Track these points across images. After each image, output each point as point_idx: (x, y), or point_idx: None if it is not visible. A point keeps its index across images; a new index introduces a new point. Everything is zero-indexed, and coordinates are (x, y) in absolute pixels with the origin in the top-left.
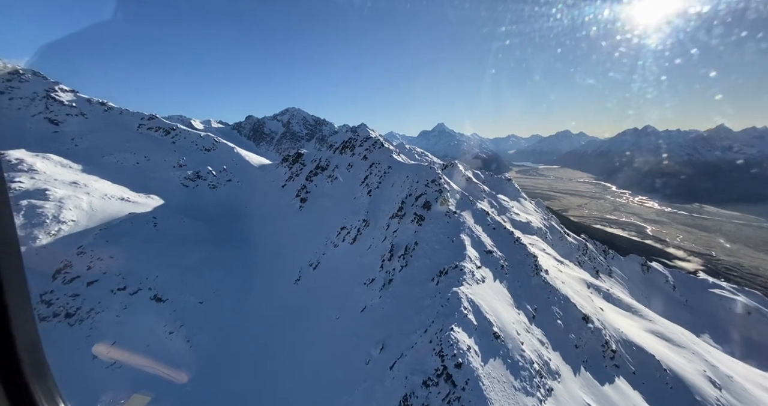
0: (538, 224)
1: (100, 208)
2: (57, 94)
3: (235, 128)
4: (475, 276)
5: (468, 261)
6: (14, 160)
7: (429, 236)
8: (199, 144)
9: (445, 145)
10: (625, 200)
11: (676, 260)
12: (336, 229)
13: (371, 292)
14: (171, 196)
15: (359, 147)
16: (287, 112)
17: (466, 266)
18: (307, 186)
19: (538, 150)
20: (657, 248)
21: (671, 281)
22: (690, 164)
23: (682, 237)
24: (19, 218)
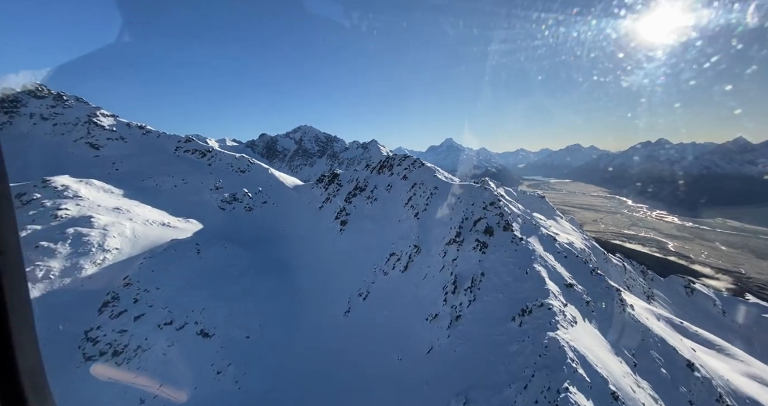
0: (580, 245)
1: (143, 234)
2: (98, 119)
3: (249, 146)
4: (566, 317)
5: (552, 297)
6: (60, 186)
7: (496, 266)
8: (235, 166)
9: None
10: (643, 215)
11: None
12: (383, 254)
13: (437, 330)
14: (209, 219)
15: (398, 166)
16: (299, 130)
17: (553, 304)
18: (346, 208)
19: (548, 164)
20: (681, 264)
21: (719, 305)
22: (709, 178)
23: (707, 253)
24: (66, 247)
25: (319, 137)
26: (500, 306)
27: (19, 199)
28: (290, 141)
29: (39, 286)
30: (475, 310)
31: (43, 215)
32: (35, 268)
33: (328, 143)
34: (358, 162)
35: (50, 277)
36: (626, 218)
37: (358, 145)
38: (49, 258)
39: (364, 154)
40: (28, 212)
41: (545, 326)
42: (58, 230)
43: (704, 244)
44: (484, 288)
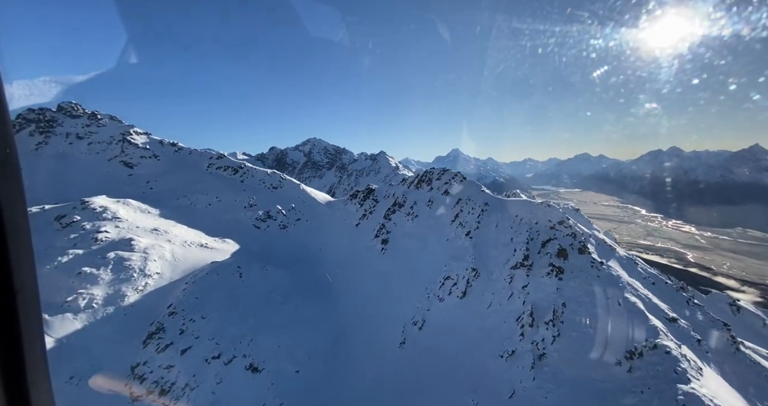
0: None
1: (182, 257)
2: (132, 137)
3: (259, 159)
4: (691, 363)
5: (664, 337)
6: (99, 208)
7: (579, 295)
8: (267, 182)
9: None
10: (658, 224)
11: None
12: (435, 278)
13: (516, 370)
14: (245, 239)
15: (437, 181)
16: (308, 143)
17: (670, 347)
18: (386, 225)
19: (556, 173)
20: (703, 276)
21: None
22: (725, 186)
23: (728, 264)
24: (108, 272)
25: (328, 149)
26: (594, 344)
27: (59, 222)
28: (299, 154)
29: (82, 316)
30: (561, 347)
31: (84, 238)
32: (78, 296)
33: (336, 155)
34: (367, 173)
35: (93, 306)
36: (641, 227)
37: (367, 157)
38: (92, 285)
39: (372, 166)
40: (69, 235)
41: (669, 376)
42: (100, 255)
43: (725, 254)
44: (569, 321)
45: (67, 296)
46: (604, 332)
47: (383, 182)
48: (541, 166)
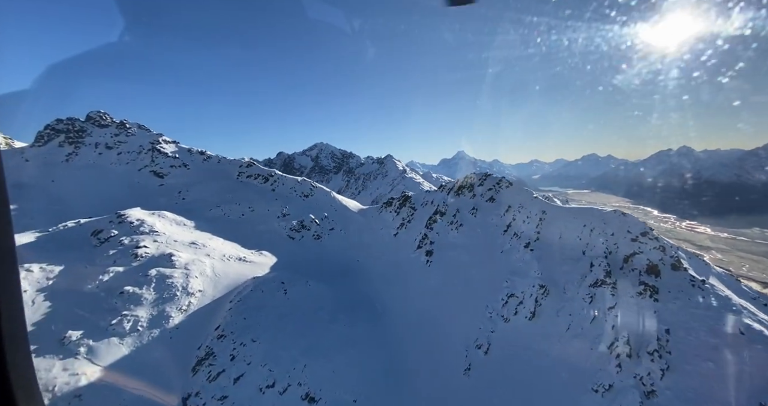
0: None
1: (223, 272)
2: (161, 146)
3: (267, 165)
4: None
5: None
6: (135, 221)
7: (685, 321)
8: (298, 190)
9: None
10: (671, 225)
11: None
12: (496, 295)
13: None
14: (281, 251)
15: (479, 187)
16: (316, 147)
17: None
18: (428, 235)
19: (564, 175)
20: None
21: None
22: (739, 185)
23: (748, 266)
24: (151, 291)
25: (335, 154)
26: (719, 382)
27: (96, 237)
28: (307, 158)
29: (128, 340)
30: (675, 385)
31: (124, 254)
32: (122, 319)
33: (344, 159)
34: (374, 177)
35: (138, 329)
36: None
37: (373, 161)
38: (136, 306)
39: (380, 170)
40: (108, 251)
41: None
42: (141, 272)
43: (743, 256)
44: (679, 352)
45: (111, 318)
46: (723, 367)
47: (390, 186)
48: (548, 168)
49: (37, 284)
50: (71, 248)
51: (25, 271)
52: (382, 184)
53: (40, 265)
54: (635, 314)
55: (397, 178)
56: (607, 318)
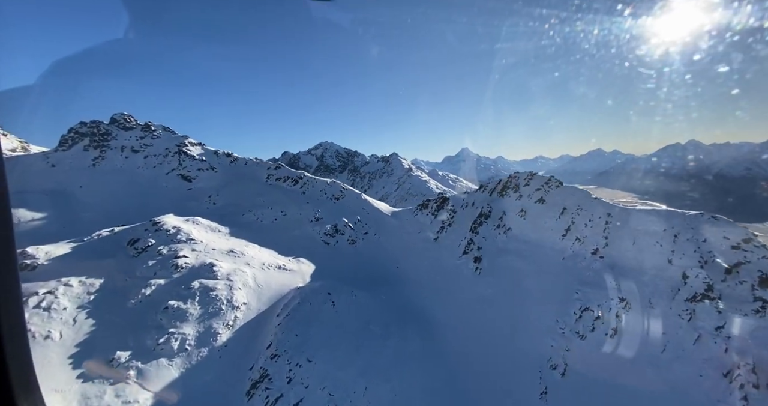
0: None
1: (264, 282)
2: (188, 149)
3: None
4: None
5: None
6: (171, 228)
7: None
8: (328, 193)
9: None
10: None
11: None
12: (566, 308)
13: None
14: (317, 257)
15: (525, 187)
16: (320, 146)
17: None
18: (474, 240)
19: (569, 170)
20: None
21: None
22: (751, 179)
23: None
24: (195, 306)
25: (340, 153)
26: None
27: (134, 247)
28: (312, 157)
29: (177, 361)
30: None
31: (164, 265)
32: (170, 337)
33: (348, 158)
34: (380, 176)
35: (186, 348)
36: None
37: (379, 159)
38: (182, 322)
39: (385, 168)
40: (147, 262)
41: None
42: (183, 284)
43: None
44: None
45: (158, 336)
46: None
47: (396, 184)
48: (553, 164)
49: (77, 299)
50: (108, 258)
51: (64, 286)
52: (388, 182)
53: (79, 279)
54: (752, 336)
55: (403, 177)
56: (716, 339)
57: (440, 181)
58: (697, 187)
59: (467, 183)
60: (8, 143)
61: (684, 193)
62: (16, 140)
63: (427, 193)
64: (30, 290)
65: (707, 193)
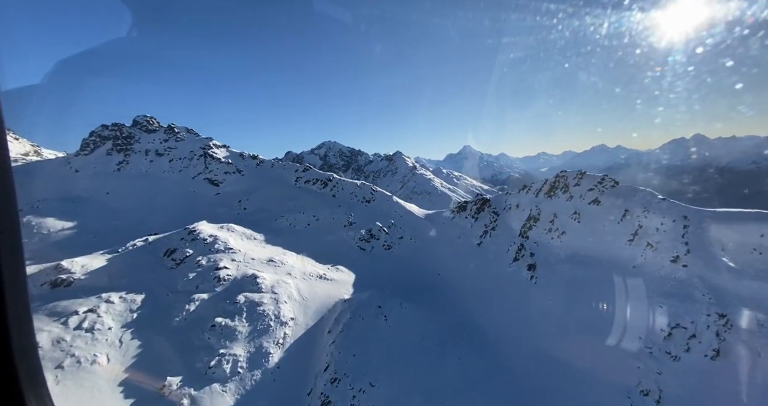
0: None
1: (308, 294)
2: (213, 151)
3: None
4: None
5: None
6: (208, 237)
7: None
8: (358, 195)
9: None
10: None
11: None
12: (649, 323)
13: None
14: (354, 264)
15: (576, 187)
16: (324, 146)
17: None
18: (525, 245)
19: (572, 166)
20: None
21: None
22: (759, 173)
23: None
24: (243, 323)
25: (343, 152)
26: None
27: (171, 258)
28: (315, 157)
29: (230, 386)
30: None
31: (205, 277)
32: (221, 360)
33: (352, 157)
34: (384, 174)
35: (239, 371)
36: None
37: (382, 158)
38: (231, 342)
39: (389, 167)
40: (186, 274)
41: None
42: (228, 299)
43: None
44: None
45: (207, 358)
46: None
47: (401, 183)
48: (556, 160)
49: (121, 318)
50: (146, 271)
51: (106, 303)
52: (392, 181)
53: (120, 294)
54: None
55: (408, 175)
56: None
57: (444, 179)
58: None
59: (472, 181)
60: (20, 147)
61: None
62: (29, 144)
63: (431, 191)
64: (69, 308)
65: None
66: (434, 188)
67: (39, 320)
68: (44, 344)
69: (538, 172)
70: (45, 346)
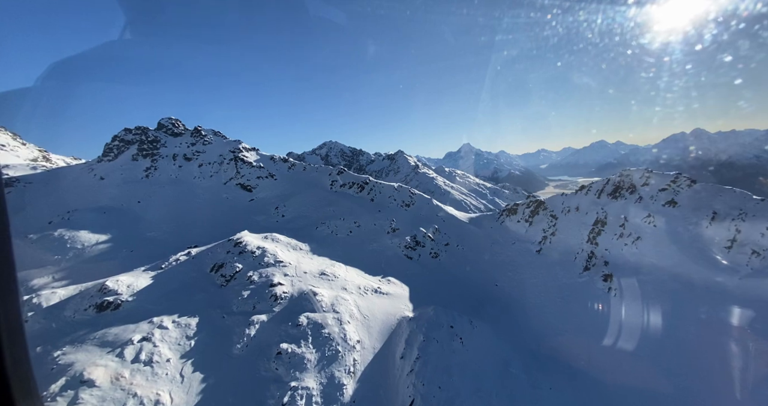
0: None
1: (369, 312)
2: (244, 155)
3: None
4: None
5: None
6: (255, 249)
7: None
8: (397, 199)
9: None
10: None
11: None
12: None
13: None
14: (404, 275)
15: (644, 187)
16: (325, 146)
17: None
18: (595, 253)
19: (572, 163)
20: None
21: None
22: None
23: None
24: (310, 349)
25: (345, 152)
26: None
27: (221, 274)
28: (317, 157)
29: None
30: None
31: (260, 296)
32: (294, 395)
33: (353, 157)
34: (386, 174)
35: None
36: None
37: (384, 157)
38: (301, 372)
39: (391, 166)
40: (240, 293)
41: None
42: (290, 321)
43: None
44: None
45: (279, 393)
46: None
47: (403, 182)
48: (556, 157)
49: (178, 347)
50: (196, 289)
51: (159, 329)
52: (395, 180)
53: (172, 318)
54: None
55: (410, 174)
56: None
57: (447, 177)
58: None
59: (474, 179)
60: (28, 153)
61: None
62: (36, 149)
63: (435, 190)
64: (121, 336)
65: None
66: (437, 187)
67: (90, 351)
68: (102, 382)
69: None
70: (103, 384)
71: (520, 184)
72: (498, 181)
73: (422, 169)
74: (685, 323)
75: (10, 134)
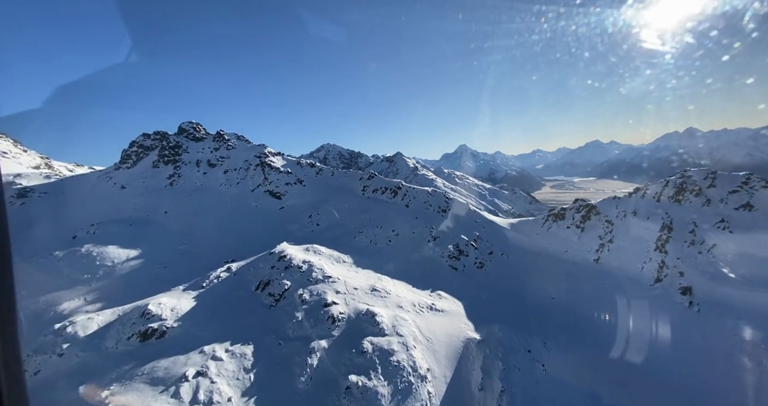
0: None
1: (430, 334)
2: (270, 160)
3: None
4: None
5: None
6: (301, 263)
7: None
8: (433, 204)
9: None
10: None
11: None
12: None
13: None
14: (452, 288)
15: (710, 189)
16: (323, 149)
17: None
18: (666, 262)
19: (568, 163)
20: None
21: None
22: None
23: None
24: (381, 381)
25: (343, 154)
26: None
27: (268, 293)
28: (315, 160)
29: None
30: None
31: (315, 318)
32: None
33: (352, 159)
34: (385, 176)
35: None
36: None
37: (382, 159)
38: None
39: (390, 168)
40: (293, 314)
41: None
42: (353, 348)
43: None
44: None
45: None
46: None
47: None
48: (551, 157)
49: (237, 382)
50: (244, 311)
51: (213, 360)
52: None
53: (225, 346)
54: None
55: (409, 176)
56: None
57: (446, 179)
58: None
59: (473, 180)
60: (30, 160)
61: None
62: (38, 156)
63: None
64: (172, 370)
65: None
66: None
67: (141, 391)
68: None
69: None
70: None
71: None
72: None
73: (421, 171)
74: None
75: (11, 141)
